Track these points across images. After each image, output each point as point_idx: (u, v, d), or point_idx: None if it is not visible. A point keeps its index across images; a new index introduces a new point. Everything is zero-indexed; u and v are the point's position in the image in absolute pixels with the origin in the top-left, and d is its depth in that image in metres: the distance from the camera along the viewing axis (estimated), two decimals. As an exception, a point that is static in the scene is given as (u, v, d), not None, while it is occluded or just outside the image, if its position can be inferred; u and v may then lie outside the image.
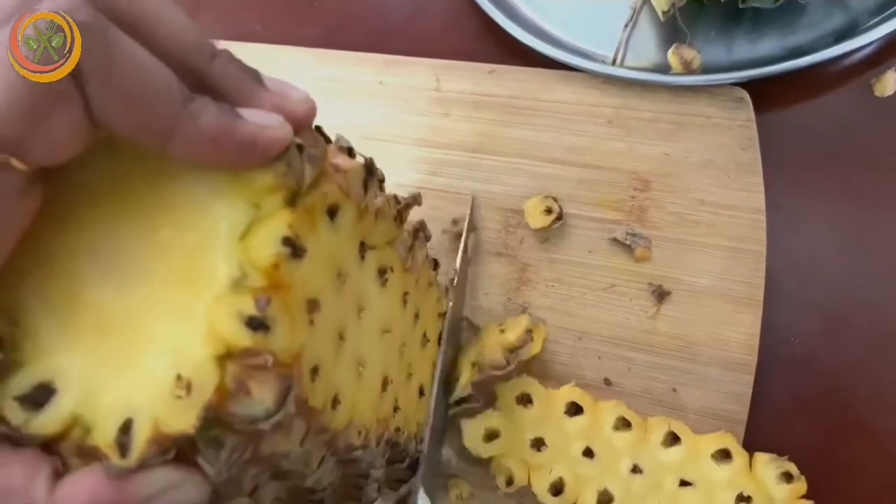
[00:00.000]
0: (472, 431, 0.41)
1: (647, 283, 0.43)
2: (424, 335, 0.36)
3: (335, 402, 0.24)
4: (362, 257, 0.27)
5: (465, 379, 0.41)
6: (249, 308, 0.19)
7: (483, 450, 0.40)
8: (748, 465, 0.38)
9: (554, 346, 0.43)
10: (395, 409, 0.31)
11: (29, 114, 0.20)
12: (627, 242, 0.43)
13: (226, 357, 0.19)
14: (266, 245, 0.20)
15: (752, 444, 0.39)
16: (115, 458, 0.19)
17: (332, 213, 0.24)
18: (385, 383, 0.29)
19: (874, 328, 0.41)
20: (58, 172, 0.20)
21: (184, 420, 0.18)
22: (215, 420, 0.19)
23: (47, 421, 0.19)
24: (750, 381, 0.40)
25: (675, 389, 0.41)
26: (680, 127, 0.45)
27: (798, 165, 0.44)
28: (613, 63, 0.47)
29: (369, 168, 0.27)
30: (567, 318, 0.44)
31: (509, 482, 0.40)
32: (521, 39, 0.49)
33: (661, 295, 0.42)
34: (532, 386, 0.42)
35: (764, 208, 0.42)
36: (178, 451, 0.19)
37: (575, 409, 0.41)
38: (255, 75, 0.23)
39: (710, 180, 0.43)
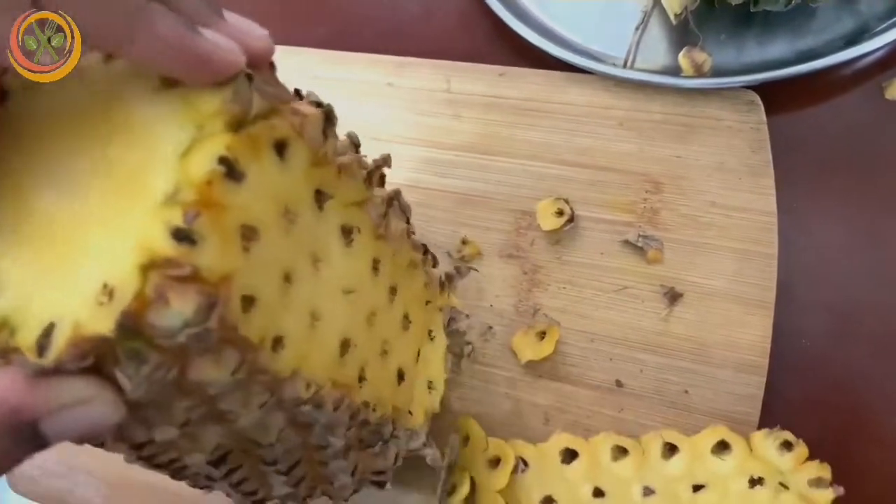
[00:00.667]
0: None
1: (660, 284, 0.43)
2: (406, 317, 0.36)
3: (278, 343, 0.24)
4: (320, 207, 0.27)
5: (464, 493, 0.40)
6: (177, 220, 0.19)
7: None
8: (748, 447, 0.38)
9: (565, 348, 0.43)
10: (361, 379, 0.30)
11: None
12: (639, 244, 0.43)
13: (149, 266, 0.19)
14: (202, 163, 0.20)
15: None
16: (32, 358, 0.19)
17: (281, 149, 0.24)
18: (346, 346, 0.29)
19: (886, 331, 0.41)
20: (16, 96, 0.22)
21: (103, 324, 0.19)
22: (135, 331, 0.19)
23: None
24: (762, 383, 0.40)
25: (686, 391, 0.41)
26: (691, 129, 0.45)
27: (809, 168, 0.44)
28: (624, 66, 0.48)
29: (328, 115, 0.27)
30: (579, 319, 0.44)
31: None
32: (531, 41, 0.49)
33: (673, 297, 0.42)
34: (518, 448, 0.41)
35: (775, 211, 0.42)
36: (98, 363, 0.19)
37: (570, 455, 0.41)
38: (216, 7, 0.24)
39: (721, 183, 0.43)
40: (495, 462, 0.41)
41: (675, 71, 0.46)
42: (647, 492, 0.39)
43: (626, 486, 0.39)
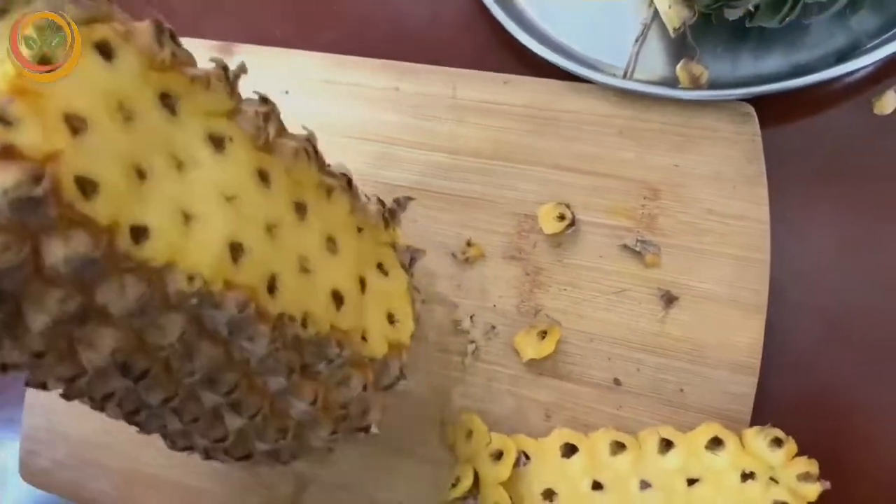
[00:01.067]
0: None
1: (657, 287, 0.45)
2: (331, 239, 0.36)
3: (140, 234, 0.25)
4: (171, 111, 0.28)
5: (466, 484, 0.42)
6: None
7: None
8: (741, 444, 0.40)
9: (566, 347, 0.45)
10: (272, 288, 0.31)
11: None
12: (637, 249, 0.45)
13: None
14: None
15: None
16: None
17: (104, 50, 0.25)
18: (237, 250, 0.29)
19: (874, 335, 0.43)
20: None
21: None
22: None
23: None
24: (754, 382, 0.42)
25: (682, 389, 0.43)
26: (688, 139, 0.47)
27: (802, 178, 0.46)
28: (624, 76, 0.49)
29: (158, 27, 0.28)
30: (579, 320, 0.45)
31: None
32: (533, 50, 0.51)
33: (669, 300, 0.44)
34: (519, 442, 0.43)
35: (769, 219, 0.44)
36: None
37: (570, 450, 0.43)
38: None
39: (717, 191, 0.45)
40: (498, 455, 0.43)
41: (673, 82, 0.48)
42: (644, 485, 0.41)
43: (623, 479, 0.41)
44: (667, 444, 0.41)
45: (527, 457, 0.43)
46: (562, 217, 0.46)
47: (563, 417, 0.44)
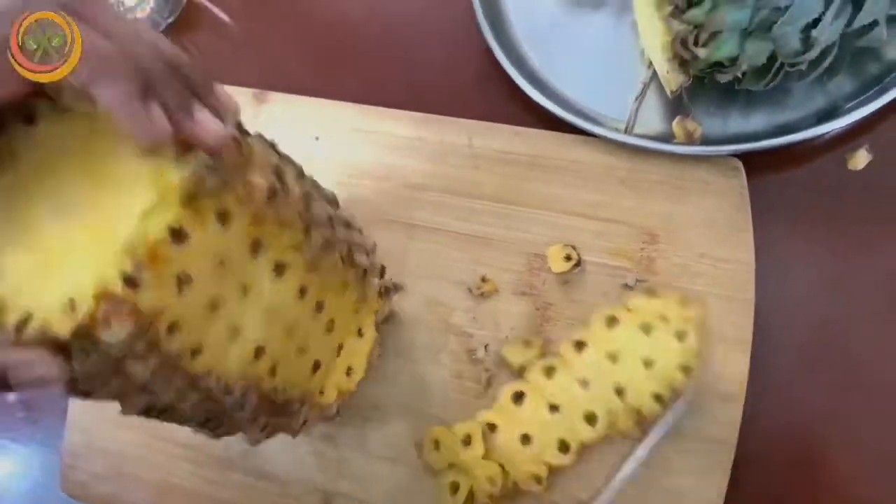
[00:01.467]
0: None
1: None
2: (331, 321, 0.42)
3: (196, 352, 0.32)
4: (255, 254, 0.34)
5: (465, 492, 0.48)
6: (128, 268, 0.27)
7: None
8: (627, 310, 0.49)
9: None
10: (273, 373, 0.38)
11: None
12: (635, 288, 0.50)
13: (102, 297, 0.26)
14: (156, 227, 0.28)
15: (741, 463, 0.46)
16: (11, 334, 0.27)
17: (224, 217, 0.31)
18: (260, 352, 0.36)
19: (845, 366, 0.48)
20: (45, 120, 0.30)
21: (64, 327, 0.26)
22: (85, 337, 0.27)
23: None
24: (739, 408, 0.47)
25: (675, 415, 0.48)
26: (683, 190, 0.52)
27: (784, 225, 0.51)
28: (625, 131, 0.55)
29: (272, 190, 0.33)
30: (583, 351, 0.50)
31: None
32: (542, 104, 0.56)
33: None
34: (480, 419, 0.49)
35: (754, 262, 0.49)
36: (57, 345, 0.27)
37: (517, 396, 0.49)
38: (189, 101, 0.30)
39: (708, 237, 0.50)
40: (467, 440, 0.49)
41: (669, 137, 0.54)
42: (583, 384, 0.47)
43: (566, 391, 0.48)
44: (579, 345, 0.48)
45: (492, 427, 0.49)
46: (568, 258, 0.51)
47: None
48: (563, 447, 0.47)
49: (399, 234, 0.55)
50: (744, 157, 0.51)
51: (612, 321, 0.48)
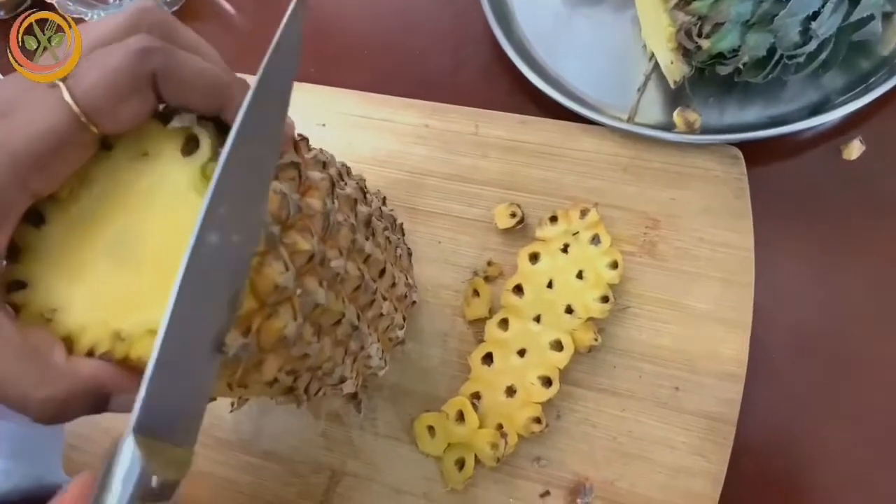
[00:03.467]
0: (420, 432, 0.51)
1: (656, 306, 0.51)
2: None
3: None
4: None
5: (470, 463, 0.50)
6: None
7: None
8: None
9: (577, 357, 0.51)
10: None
11: (114, 98, 0.26)
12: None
13: None
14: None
15: (740, 438, 0.47)
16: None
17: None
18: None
19: (836, 351, 0.50)
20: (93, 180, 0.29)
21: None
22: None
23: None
24: (740, 389, 0.48)
25: (677, 388, 0.49)
26: (684, 177, 0.53)
27: (781, 213, 0.53)
28: (628, 120, 0.56)
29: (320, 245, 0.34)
30: (588, 332, 0.52)
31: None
32: (547, 93, 0.58)
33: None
34: (462, 393, 0.51)
35: (753, 247, 0.51)
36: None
37: (488, 358, 0.52)
38: None
39: (708, 222, 0.52)
40: (460, 416, 0.50)
41: (670, 126, 0.55)
42: (536, 320, 0.51)
43: (524, 333, 0.51)
44: (517, 289, 0.52)
45: (478, 396, 0.51)
46: (513, 215, 0.54)
47: (573, 419, 0.50)
48: (546, 382, 0.50)
49: (405, 219, 0.56)
50: (742, 146, 0.53)
51: (534, 257, 0.53)
